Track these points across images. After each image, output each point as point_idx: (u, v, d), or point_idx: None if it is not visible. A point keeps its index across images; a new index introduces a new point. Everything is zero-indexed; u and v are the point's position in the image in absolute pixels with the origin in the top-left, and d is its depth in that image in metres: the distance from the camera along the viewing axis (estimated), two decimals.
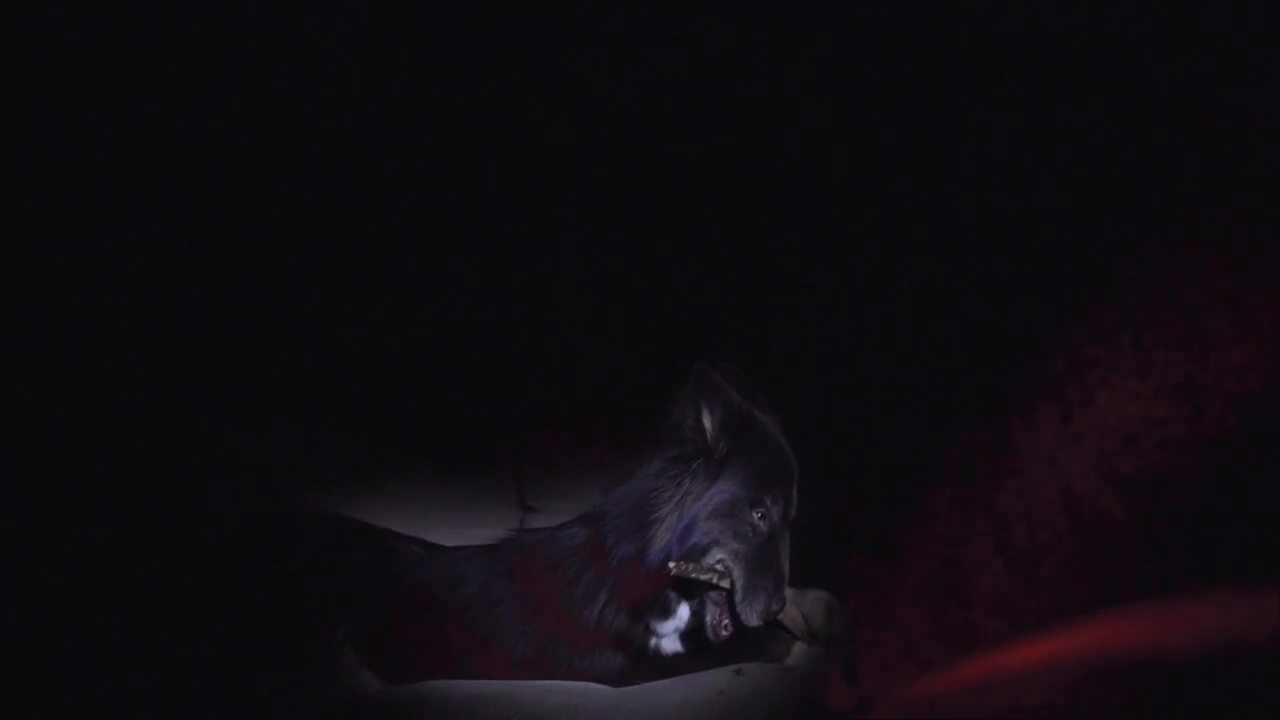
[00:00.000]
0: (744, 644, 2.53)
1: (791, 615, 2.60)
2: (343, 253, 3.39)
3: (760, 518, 2.51)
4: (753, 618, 2.49)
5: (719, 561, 2.51)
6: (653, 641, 2.59)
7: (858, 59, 3.01)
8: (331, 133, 3.34)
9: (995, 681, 2.14)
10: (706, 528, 2.52)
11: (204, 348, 3.22)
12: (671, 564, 2.50)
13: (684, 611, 2.58)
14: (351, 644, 2.53)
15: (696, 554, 2.52)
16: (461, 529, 2.95)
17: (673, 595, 2.56)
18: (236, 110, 3.24)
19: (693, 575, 2.49)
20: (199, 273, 3.24)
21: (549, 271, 3.56)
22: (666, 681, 2.44)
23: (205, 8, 3.17)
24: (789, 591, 2.60)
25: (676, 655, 2.59)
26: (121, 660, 2.40)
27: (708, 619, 2.54)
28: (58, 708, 2.32)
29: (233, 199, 3.27)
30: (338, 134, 3.34)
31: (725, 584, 2.50)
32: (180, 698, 2.36)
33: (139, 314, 3.16)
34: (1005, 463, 2.58)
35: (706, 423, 2.55)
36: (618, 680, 2.51)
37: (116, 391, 3.08)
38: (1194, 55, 2.43)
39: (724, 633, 2.53)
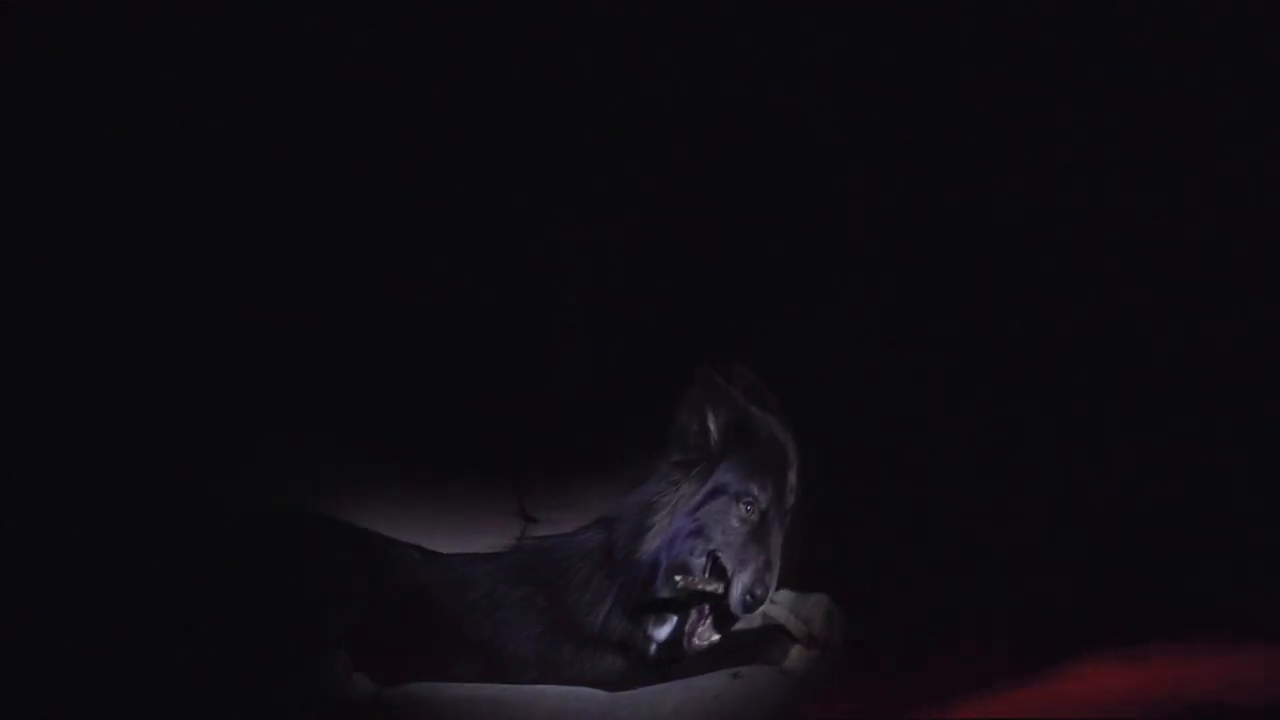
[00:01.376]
0: (741, 647, 2.50)
1: (790, 619, 2.58)
2: (343, 254, 3.40)
3: (748, 510, 2.50)
4: (737, 601, 2.46)
5: (707, 555, 2.50)
6: (653, 646, 2.57)
7: (858, 58, 3.01)
8: (331, 134, 3.35)
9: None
10: (694, 527, 2.51)
11: (203, 349, 3.23)
12: (678, 579, 2.48)
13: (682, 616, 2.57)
14: (346, 647, 2.52)
15: (685, 555, 2.51)
16: (460, 536, 2.95)
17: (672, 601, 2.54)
18: (236, 109, 3.25)
19: (697, 586, 2.48)
20: (199, 272, 3.25)
21: (550, 274, 3.56)
22: (663, 685, 2.41)
23: (205, 7, 3.19)
24: (789, 595, 2.58)
25: (675, 659, 2.57)
26: (118, 661, 2.39)
27: (686, 626, 2.52)
28: (55, 707, 2.31)
29: (231, 198, 3.28)
30: (337, 136, 3.35)
31: (723, 589, 2.49)
32: (175, 699, 2.35)
33: (139, 314, 3.18)
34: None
35: (711, 426, 2.55)
36: (616, 684, 2.49)
37: (117, 392, 3.09)
38: None
39: (698, 641, 2.51)
